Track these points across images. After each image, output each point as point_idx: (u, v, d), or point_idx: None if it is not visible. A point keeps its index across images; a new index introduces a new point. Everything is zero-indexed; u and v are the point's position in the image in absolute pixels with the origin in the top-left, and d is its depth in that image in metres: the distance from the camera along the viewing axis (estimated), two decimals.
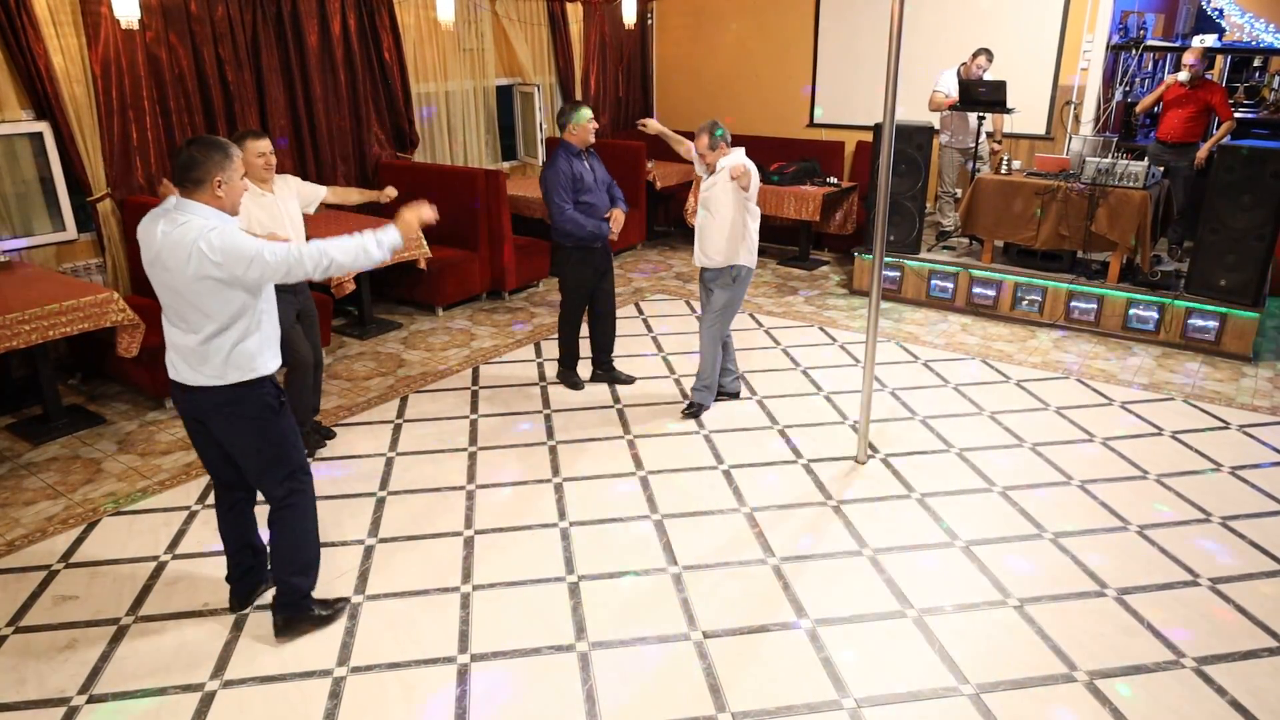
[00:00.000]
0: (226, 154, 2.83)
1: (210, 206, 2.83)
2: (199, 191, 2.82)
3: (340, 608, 3.44)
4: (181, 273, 2.79)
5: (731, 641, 3.28)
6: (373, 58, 7.10)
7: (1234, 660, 3.18)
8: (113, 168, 5.62)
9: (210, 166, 2.80)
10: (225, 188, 2.84)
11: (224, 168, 2.82)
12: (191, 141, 2.83)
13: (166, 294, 2.90)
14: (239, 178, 2.89)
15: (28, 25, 5.06)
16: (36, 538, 3.94)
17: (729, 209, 4.66)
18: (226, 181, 2.84)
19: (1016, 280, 6.68)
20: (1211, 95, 7.00)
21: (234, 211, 2.92)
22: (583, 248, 5.18)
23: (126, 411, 5.19)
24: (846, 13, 8.79)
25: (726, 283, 4.82)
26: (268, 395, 3.03)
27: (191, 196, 2.82)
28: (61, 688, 3.06)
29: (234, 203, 2.90)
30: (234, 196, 2.89)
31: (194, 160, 2.79)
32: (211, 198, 2.83)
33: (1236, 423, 5.04)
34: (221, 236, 2.77)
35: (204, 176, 2.80)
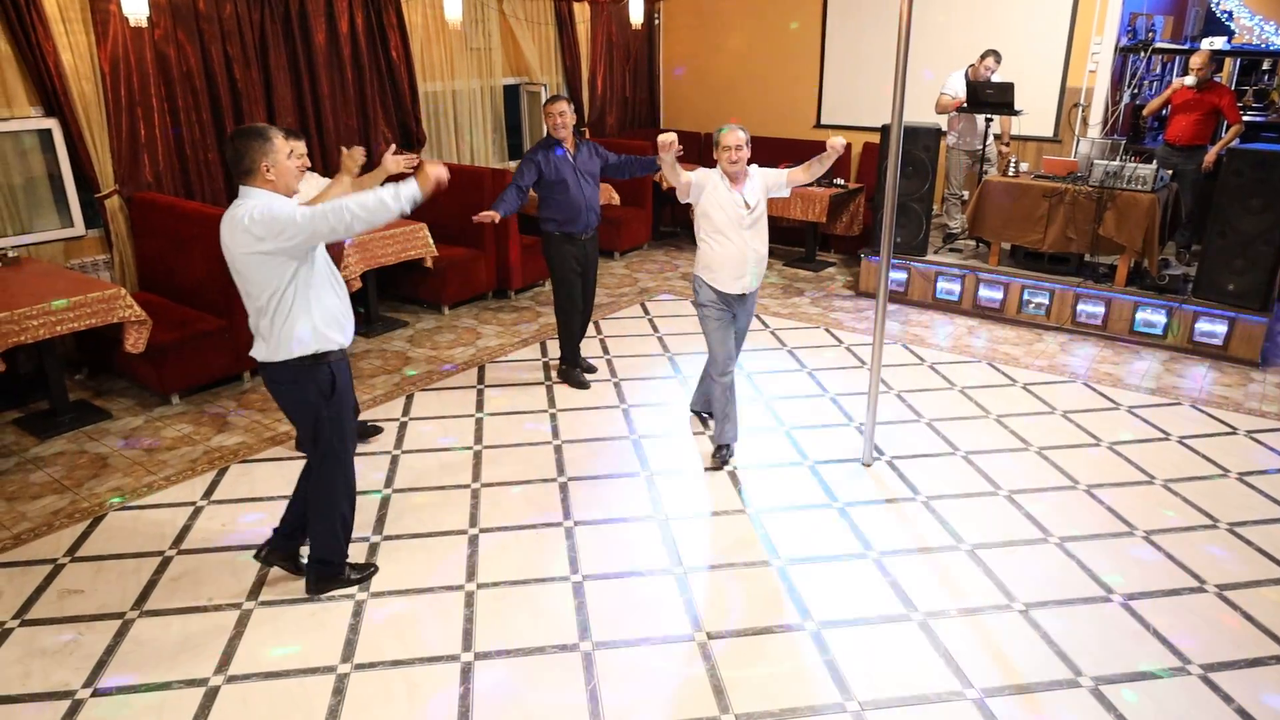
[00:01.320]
0: (265, 138, 3.01)
1: (265, 190, 3.04)
2: (253, 179, 3.03)
3: (370, 572, 3.63)
4: (234, 250, 3.02)
5: (735, 643, 3.27)
6: (380, 56, 7.11)
7: (1240, 668, 3.16)
8: (121, 165, 5.63)
9: (254, 154, 3.00)
10: (274, 170, 3.03)
11: (266, 152, 3.00)
12: (232, 136, 3.03)
13: (233, 274, 3.12)
14: (284, 158, 3.05)
15: (37, 23, 5.08)
16: (42, 531, 3.96)
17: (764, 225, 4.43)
18: (273, 165, 3.02)
19: (1023, 283, 6.67)
20: (1220, 98, 6.97)
21: (289, 191, 3.10)
22: (565, 235, 5.23)
23: (132, 407, 5.21)
24: (854, 14, 8.78)
25: (753, 309, 4.69)
26: (321, 377, 3.22)
27: (248, 184, 3.04)
28: (66, 681, 3.07)
29: (286, 183, 3.08)
30: (285, 177, 3.07)
31: (238, 153, 3.00)
32: (264, 182, 3.03)
33: (1244, 428, 5.02)
34: (261, 209, 2.94)
35: (252, 165, 3.00)
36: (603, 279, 7.84)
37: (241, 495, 4.27)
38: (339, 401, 3.30)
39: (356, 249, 5.87)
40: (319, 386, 3.23)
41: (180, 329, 5.13)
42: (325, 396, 3.25)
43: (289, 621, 3.38)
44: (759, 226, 4.38)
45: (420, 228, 6.25)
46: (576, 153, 5.20)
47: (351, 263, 5.84)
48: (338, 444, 3.35)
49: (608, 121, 9.64)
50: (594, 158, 5.28)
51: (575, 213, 5.17)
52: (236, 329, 5.32)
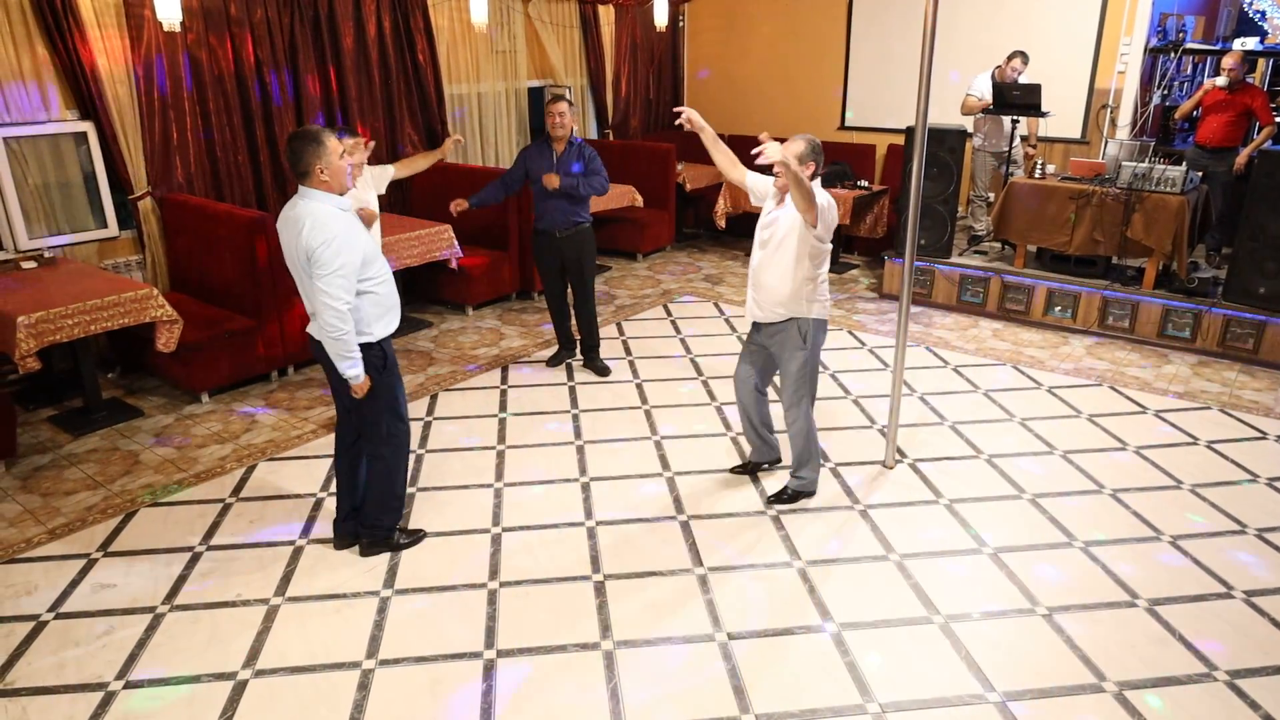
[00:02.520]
0: (318, 141, 3.22)
1: (320, 190, 3.26)
2: (309, 180, 3.26)
3: (419, 537, 3.88)
4: (291, 247, 3.28)
5: (756, 643, 3.28)
6: (407, 59, 7.18)
7: (1268, 674, 3.13)
8: (153, 166, 5.73)
9: (308, 157, 3.21)
10: (327, 171, 3.24)
11: (319, 155, 3.21)
12: (290, 138, 3.26)
13: (289, 264, 3.38)
14: (337, 159, 3.25)
15: (73, 27, 5.18)
16: (76, 526, 4.04)
17: (794, 247, 3.81)
18: (326, 166, 3.23)
19: (1049, 286, 6.61)
20: (1252, 99, 6.88)
21: (342, 190, 3.32)
22: (539, 232, 5.47)
23: (164, 405, 5.30)
24: (879, 14, 8.75)
25: (796, 344, 3.94)
26: (374, 356, 3.44)
27: (305, 184, 3.27)
28: (99, 673, 3.14)
29: (340, 183, 3.29)
30: (338, 177, 3.28)
31: (294, 154, 3.23)
32: (319, 182, 3.26)
33: (1274, 433, 4.95)
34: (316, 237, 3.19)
35: (307, 167, 3.23)
36: (625, 280, 7.87)
37: (269, 493, 4.34)
38: (390, 374, 3.54)
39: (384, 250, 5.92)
40: (373, 364, 3.44)
41: (210, 328, 5.22)
42: (377, 370, 3.46)
43: (315, 617, 3.43)
44: (775, 254, 3.86)
45: (445, 229, 6.31)
46: (564, 153, 5.34)
47: None
48: (389, 415, 3.57)
49: (631, 124, 9.67)
50: (580, 162, 5.39)
51: (545, 209, 5.40)
52: (265, 329, 5.40)
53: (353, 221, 3.35)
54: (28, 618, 3.43)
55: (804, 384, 4.05)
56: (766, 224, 3.94)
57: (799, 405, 4.07)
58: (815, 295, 3.90)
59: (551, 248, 5.48)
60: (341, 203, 3.32)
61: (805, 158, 3.76)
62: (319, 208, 3.24)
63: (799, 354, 3.97)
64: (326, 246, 3.18)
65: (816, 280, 3.89)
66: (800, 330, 3.93)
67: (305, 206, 3.24)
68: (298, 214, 3.24)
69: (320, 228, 3.19)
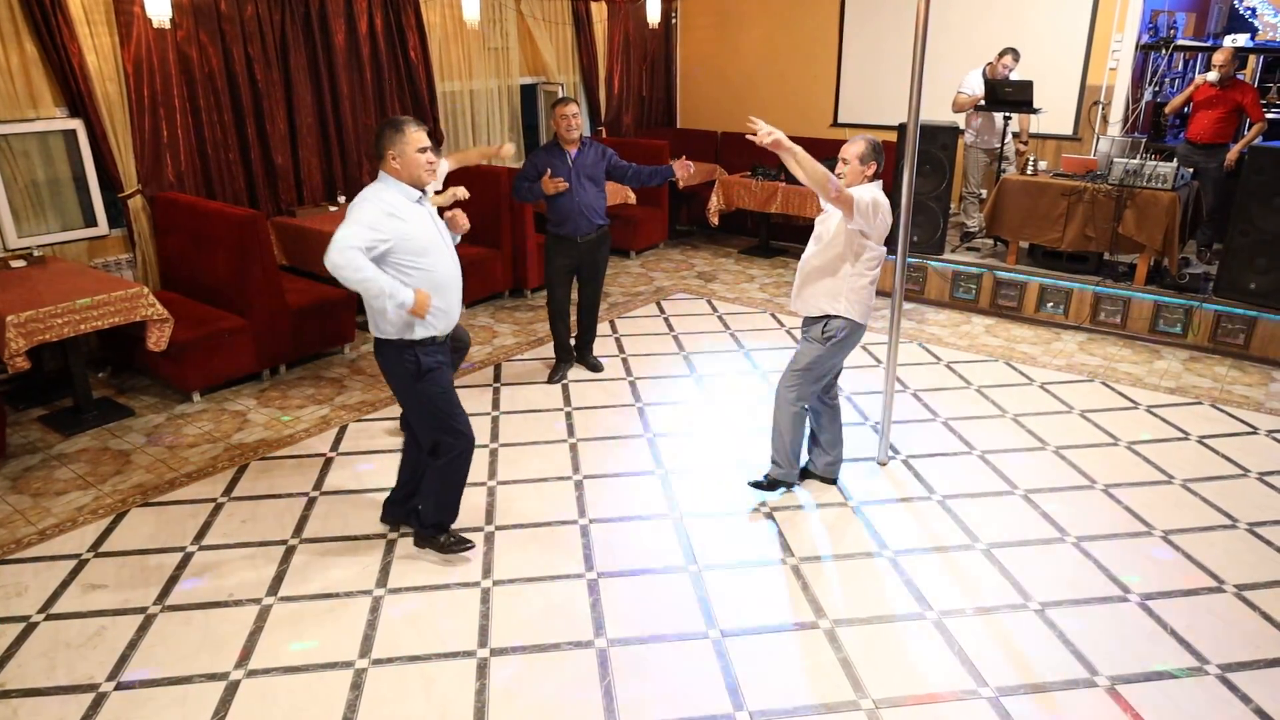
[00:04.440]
0: (396, 128, 3.23)
1: (392, 176, 3.28)
2: (382, 163, 3.28)
3: (467, 545, 3.78)
4: None
5: (750, 640, 3.28)
6: (399, 56, 7.16)
7: (1258, 668, 3.14)
8: (143, 165, 5.71)
9: (384, 141, 3.24)
10: (399, 160, 3.24)
11: (394, 141, 3.22)
12: (380, 122, 3.26)
13: None
14: (412, 150, 3.23)
15: (62, 24, 5.15)
16: (67, 527, 4.02)
17: (839, 244, 3.84)
18: (399, 155, 3.23)
19: (1042, 282, 6.63)
20: (1243, 96, 6.90)
21: (415, 183, 3.30)
22: (559, 237, 5.28)
23: (155, 404, 5.28)
24: (871, 12, 8.75)
25: (817, 337, 3.97)
26: (407, 359, 3.38)
27: (380, 168, 3.30)
28: (90, 674, 3.12)
29: (412, 173, 3.27)
30: (410, 167, 3.25)
31: (375, 136, 3.27)
32: (391, 169, 3.27)
33: (1265, 428, 4.98)
34: (362, 201, 3.21)
35: (381, 151, 3.25)
36: (618, 278, 7.86)
37: (261, 492, 4.32)
38: (430, 383, 3.43)
39: None
40: (405, 368, 3.39)
41: (201, 327, 5.20)
42: (412, 377, 3.40)
43: (308, 617, 3.42)
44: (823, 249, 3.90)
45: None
46: (578, 155, 5.19)
47: None
48: (435, 428, 3.51)
49: (624, 121, 9.66)
50: (600, 161, 5.27)
51: (567, 214, 5.20)
52: (256, 327, 5.38)
53: (414, 209, 3.29)
54: (18, 619, 3.41)
55: (807, 376, 4.01)
56: (822, 219, 3.98)
57: (791, 391, 4.04)
58: (854, 296, 3.88)
59: (571, 253, 5.31)
60: (409, 193, 3.29)
61: (865, 157, 3.83)
62: (380, 187, 3.26)
63: (816, 348, 3.97)
64: (360, 201, 3.21)
65: (859, 281, 3.86)
66: (827, 329, 3.93)
67: (375, 187, 3.27)
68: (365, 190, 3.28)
69: (363, 196, 3.24)
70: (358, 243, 3.13)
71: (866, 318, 3.96)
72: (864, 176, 3.83)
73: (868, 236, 3.78)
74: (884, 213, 3.78)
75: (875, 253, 3.85)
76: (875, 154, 3.83)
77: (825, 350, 3.96)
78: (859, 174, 3.83)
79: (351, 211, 3.20)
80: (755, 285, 7.68)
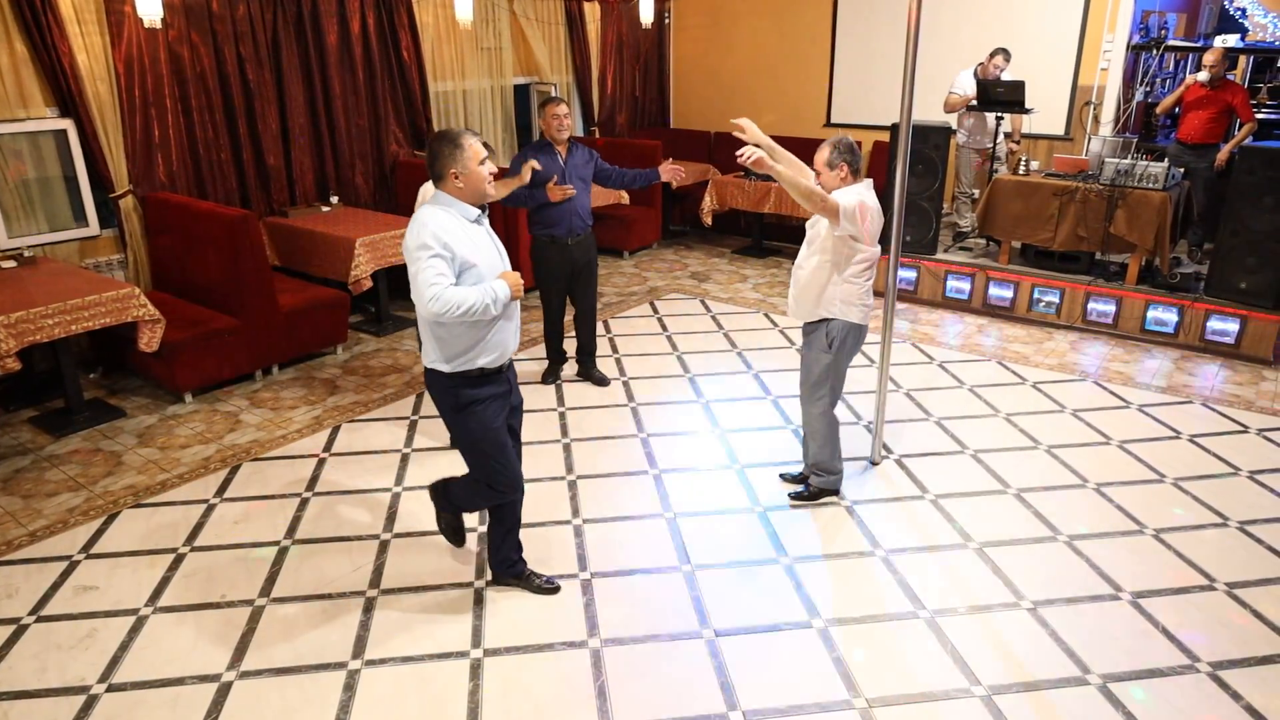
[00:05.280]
0: (456, 144, 2.97)
1: (453, 196, 3.03)
2: (443, 184, 3.02)
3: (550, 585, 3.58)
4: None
5: (743, 640, 3.28)
6: (391, 56, 7.15)
7: (1250, 665, 3.16)
8: (135, 165, 5.69)
9: (444, 160, 2.97)
10: (463, 178, 3.00)
11: (456, 159, 2.97)
12: (431, 138, 3.01)
13: None
14: (476, 165, 3.00)
15: (53, 24, 5.13)
16: (58, 529, 4.00)
17: (828, 248, 3.81)
18: (462, 172, 2.99)
19: (1034, 281, 6.65)
20: (1233, 96, 6.93)
21: (478, 199, 3.06)
22: (551, 240, 5.17)
23: (146, 405, 5.26)
24: (864, 11, 8.77)
25: (822, 345, 3.94)
26: (450, 391, 3.12)
27: (439, 187, 3.04)
28: (81, 676, 3.11)
29: (475, 190, 3.04)
30: (473, 184, 3.02)
31: (432, 155, 3.00)
32: (453, 189, 3.02)
33: (1255, 426, 5.00)
34: (415, 230, 2.95)
35: (441, 170, 2.99)
36: (611, 278, 7.86)
37: (254, 493, 4.31)
38: (471, 417, 3.16)
39: (367, 248, 5.90)
40: (449, 396, 3.15)
41: (193, 328, 5.18)
42: (452, 410, 3.18)
43: (301, 618, 3.41)
44: (814, 253, 3.88)
45: None
46: (569, 155, 5.13)
47: (362, 262, 5.88)
48: (474, 463, 3.28)
49: (618, 121, 9.66)
50: (589, 163, 5.22)
51: (560, 216, 5.09)
52: (249, 328, 5.37)
53: (471, 231, 3.05)
54: (8, 621, 3.39)
55: (824, 385, 4.00)
56: (812, 223, 3.94)
57: (816, 404, 4.03)
58: (850, 298, 3.85)
59: (562, 256, 5.21)
60: (468, 212, 3.04)
61: (832, 162, 3.77)
62: (432, 211, 2.97)
63: (823, 356, 3.95)
64: (414, 237, 2.93)
65: (852, 284, 3.84)
66: (829, 333, 3.91)
67: (421, 212, 2.99)
68: (412, 225, 2.98)
69: (416, 227, 2.95)
70: (442, 280, 2.90)
71: (866, 318, 3.94)
72: (840, 180, 3.78)
73: (858, 240, 3.76)
74: (872, 215, 3.75)
75: (867, 254, 3.82)
76: (840, 154, 3.76)
77: (832, 356, 3.94)
78: (834, 179, 3.78)
79: (415, 250, 2.92)
80: (749, 285, 7.69)
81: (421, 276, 2.90)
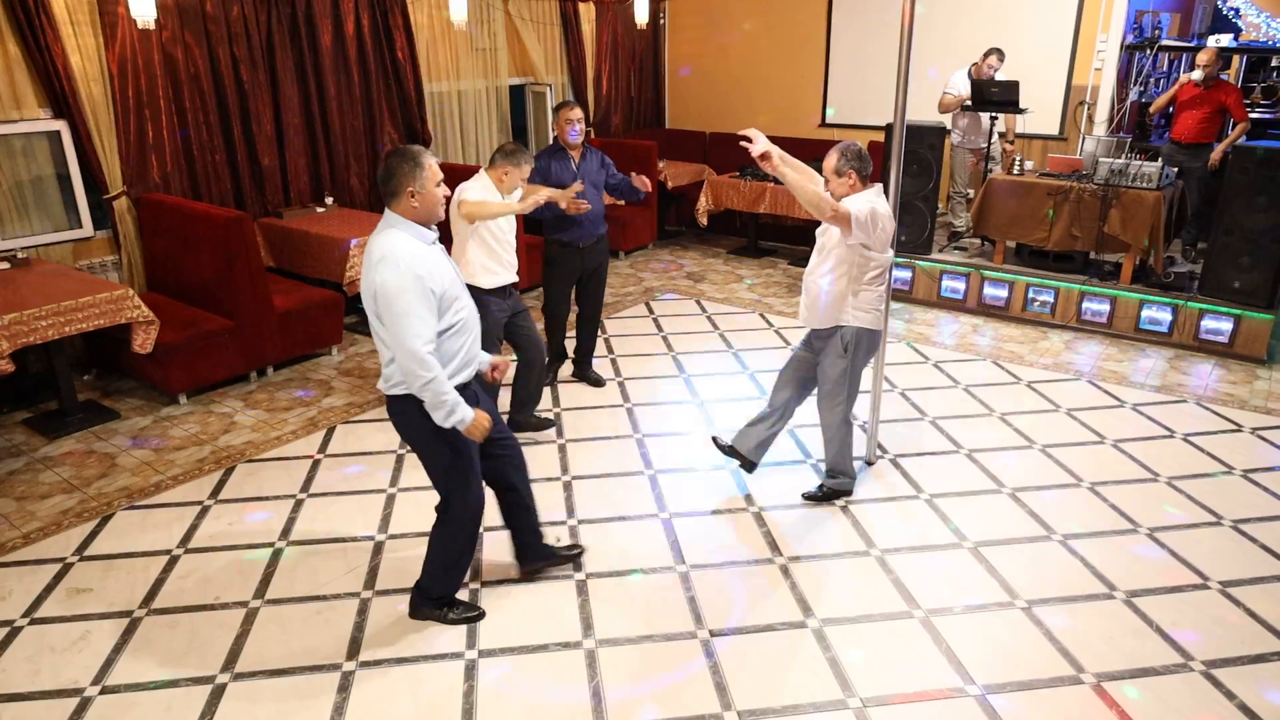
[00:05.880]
0: (417, 163, 2.87)
1: (405, 218, 2.90)
2: (396, 202, 2.90)
3: (475, 615, 3.41)
4: (369, 281, 2.87)
5: (738, 640, 3.29)
6: (386, 57, 7.14)
7: (1243, 664, 3.16)
8: (129, 166, 5.67)
9: (401, 177, 2.86)
10: (419, 197, 2.89)
11: (415, 178, 2.86)
12: (388, 154, 2.90)
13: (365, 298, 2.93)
14: (433, 184, 2.90)
15: (46, 25, 5.11)
16: (51, 531, 3.99)
17: (838, 255, 3.82)
18: (419, 191, 2.88)
19: (1028, 281, 6.66)
20: (1226, 96, 6.94)
21: (428, 220, 2.94)
22: (564, 244, 5.13)
23: (140, 407, 5.24)
24: (859, 12, 8.77)
25: (837, 351, 3.94)
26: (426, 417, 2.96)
27: (391, 207, 2.91)
28: (75, 678, 3.10)
29: (430, 211, 2.92)
30: (429, 205, 2.91)
31: (388, 172, 2.87)
32: (407, 208, 2.89)
33: (1249, 425, 5.01)
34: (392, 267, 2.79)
35: (398, 188, 2.87)
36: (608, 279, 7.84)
37: (248, 495, 4.30)
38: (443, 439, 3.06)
39: (362, 249, 5.88)
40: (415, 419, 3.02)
41: (187, 329, 5.17)
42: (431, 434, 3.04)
43: (295, 619, 3.41)
44: (824, 260, 3.89)
45: None
46: (582, 161, 5.10)
47: (357, 263, 5.87)
48: (446, 482, 3.20)
49: (613, 122, 9.66)
50: (601, 169, 5.19)
51: (573, 223, 5.04)
52: (243, 329, 5.36)
53: (435, 255, 2.95)
54: (2, 624, 3.38)
55: (841, 390, 4.01)
56: (822, 230, 3.94)
57: (835, 410, 4.04)
58: (861, 305, 3.86)
59: (575, 261, 5.16)
60: (425, 235, 2.93)
61: (840, 169, 3.77)
62: (398, 239, 2.85)
63: (840, 361, 3.96)
64: (398, 277, 2.78)
65: (866, 291, 3.85)
66: (843, 339, 3.91)
67: (384, 237, 2.86)
68: (373, 245, 2.87)
69: (394, 259, 2.79)
70: (430, 336, 2.83)
71: (878, 323, 3.94)
72: (850, 187, 3.77)
73: (870, 248, 3.74)
74: (883, 222, 3.72)
75: (880, 261, 3.82)
76: (848, 161, 3.76)
77: (849, 361, 3.95)
78: (843, 186, 3.78)
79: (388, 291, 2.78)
80: (744, 285, 7.69)
81: (409, 329, 2.79)
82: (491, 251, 4.44)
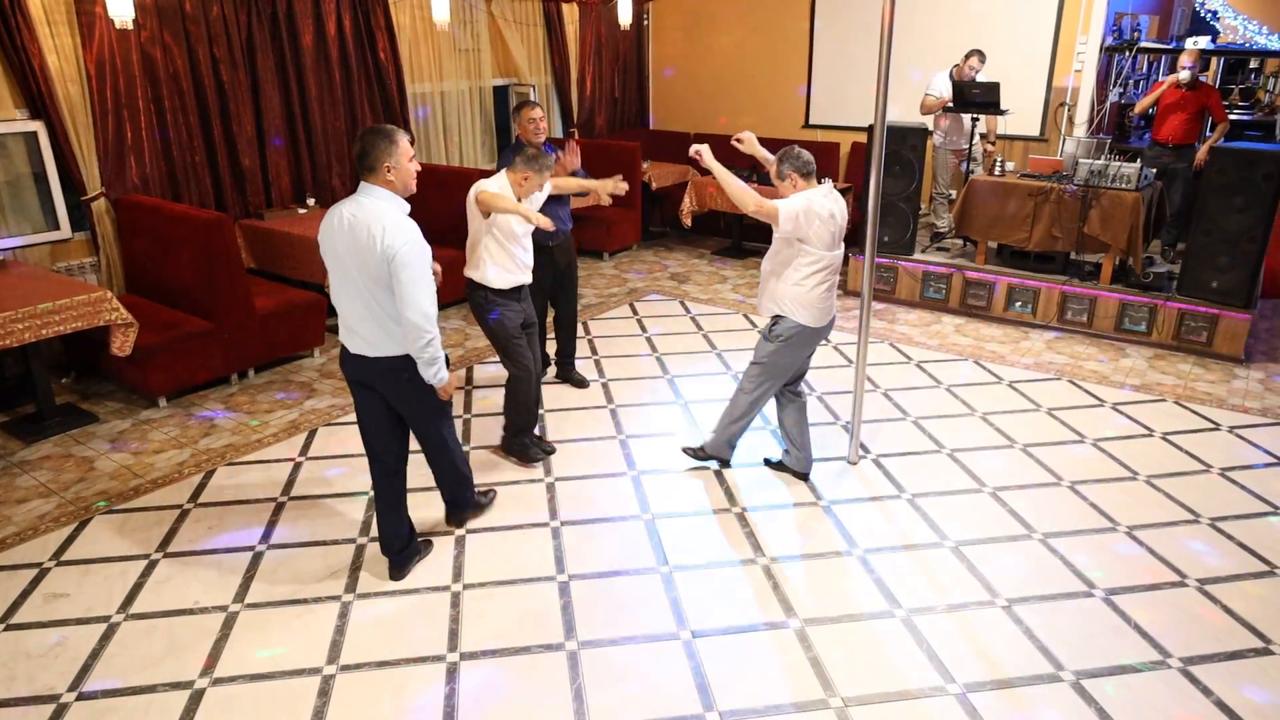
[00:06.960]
0: (391, 140, 3.13)
1: (384, 190, 3.16)
2: (374, 176, 3.15)
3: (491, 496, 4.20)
4: (362, 250, 3.09)
5: (720, 641, 3.29)
6: (368, 58, 7.11)
7: (1220, 660, 3.19)
8: (107, 167, 5.62)
9: (378, 153, 3.11)
10: (394, 171, 3.15)
11: (390, 153, 3.12)
12: (362, 133, 3.15)
13: (353, 270, 3.16)
14: (406, 161, 3.18)
15: (23, 25, 5.06)
16: (28, 535, 3.95)
17: (779, 248, 4.02)
18: (394, 166, 3.14)
19: (1010, 281, 6.70)
20: (1208, 97, 7.02)
21: (405, 191, 3.22)
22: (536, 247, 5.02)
23: (119, 410, 5.20)
24: (841, 13, 8.81)
25: (765, 333, 4.16)
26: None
27: (369, 180, 3.16)
28: (51, 685, 3.07)
29: (404, 184, 3.20)
30: (403, 178, 3.19)
31: (364, 149, 3.13)
32: (384, 181, 3.15)
33: (1227, 424, 5.06)
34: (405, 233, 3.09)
35: (375, 163, 3.12)
36: (591, 279, 7.85)
37: (228, 498, 4.27)
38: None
39: None
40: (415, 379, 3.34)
41: (167, 332, 5.13)
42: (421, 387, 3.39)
43: (275, 623, 3.38)
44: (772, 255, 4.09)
45: None
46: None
47: None
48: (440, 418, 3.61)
49: (597, 122, 9.66)
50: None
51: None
52: (224, 331, 5.32)
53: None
54: None
55: (761, 377, 4.20)
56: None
57: (749, 383, 4.24)
58: (800, 299, 3.99)
59: (545, 260, 5.09)
60: (404, 205, 3.19)
61: (781, 174, 3.97)
62: (390, 208, 3.12)
63: (765, 344, 4.15)
64: (412, 245, 3.08)
65: (801, 286, 3.97)
66: (774, 327, 4.10)
67: (375, 207, 3.10)
68: (367, 215, 3.08)
69: (400, 228, 3.07)
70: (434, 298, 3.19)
71: (819, 320, 4.04)
72: (794, 186, 3.94)
73: (804, 241, 3.90)
74: (818, 220, 3.87)
75: (815, 256, 3.93)
76: (788, 164, 3.93)
77: (775, 347, 4.10)
78: (788, 187, 3.96)
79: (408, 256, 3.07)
80: (728, 286, 7.70)
81: (423, 289, 3.12)
82: (505, 250, 4.33)
